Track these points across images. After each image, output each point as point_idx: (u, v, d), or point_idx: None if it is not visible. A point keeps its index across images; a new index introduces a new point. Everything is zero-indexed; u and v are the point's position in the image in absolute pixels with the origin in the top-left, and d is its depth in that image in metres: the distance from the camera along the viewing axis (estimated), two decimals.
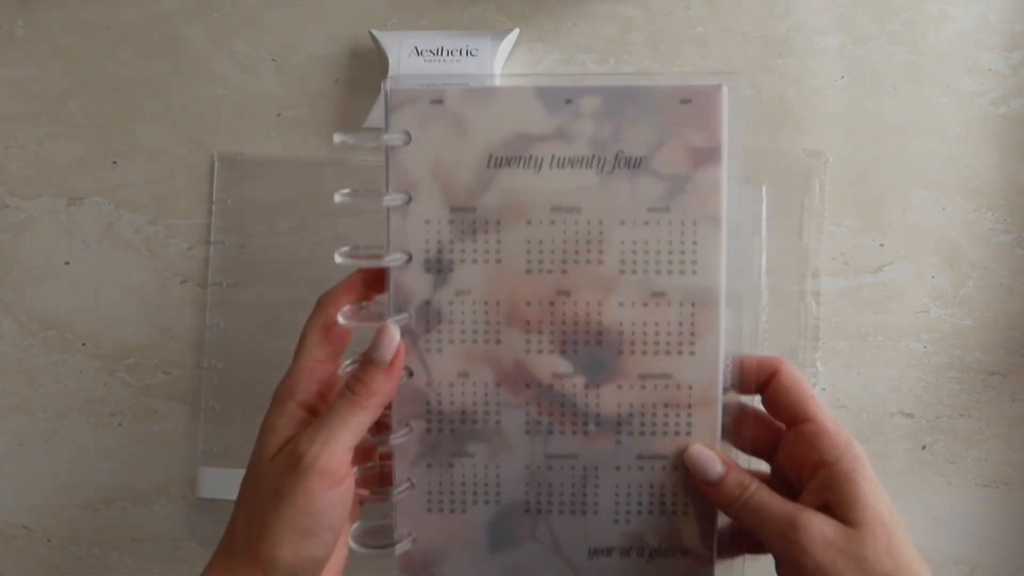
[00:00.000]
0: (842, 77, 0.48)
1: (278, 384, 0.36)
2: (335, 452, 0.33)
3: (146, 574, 0.49)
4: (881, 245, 0.48)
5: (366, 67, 0.48)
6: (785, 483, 0.36)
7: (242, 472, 0.50)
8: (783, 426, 0.37)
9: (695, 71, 0.47)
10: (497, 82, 0.36)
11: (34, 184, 0.49)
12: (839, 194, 0.48)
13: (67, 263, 0.49)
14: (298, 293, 0.48)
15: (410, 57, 0.46)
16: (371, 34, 0.47)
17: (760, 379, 0.37)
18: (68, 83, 0.49)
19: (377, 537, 0.38)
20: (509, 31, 0.46)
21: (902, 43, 0.48)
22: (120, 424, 0.48)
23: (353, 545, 0.37)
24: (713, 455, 0.36)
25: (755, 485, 0.35)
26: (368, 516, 0.39)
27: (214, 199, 0.48)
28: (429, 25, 0.48)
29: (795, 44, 0.48)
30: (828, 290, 0.48)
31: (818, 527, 0.33)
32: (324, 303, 0.37)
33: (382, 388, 0.34)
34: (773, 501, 0.34)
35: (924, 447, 0.48)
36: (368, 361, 0.35)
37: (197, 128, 0.48)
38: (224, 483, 0.47)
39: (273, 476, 0.33)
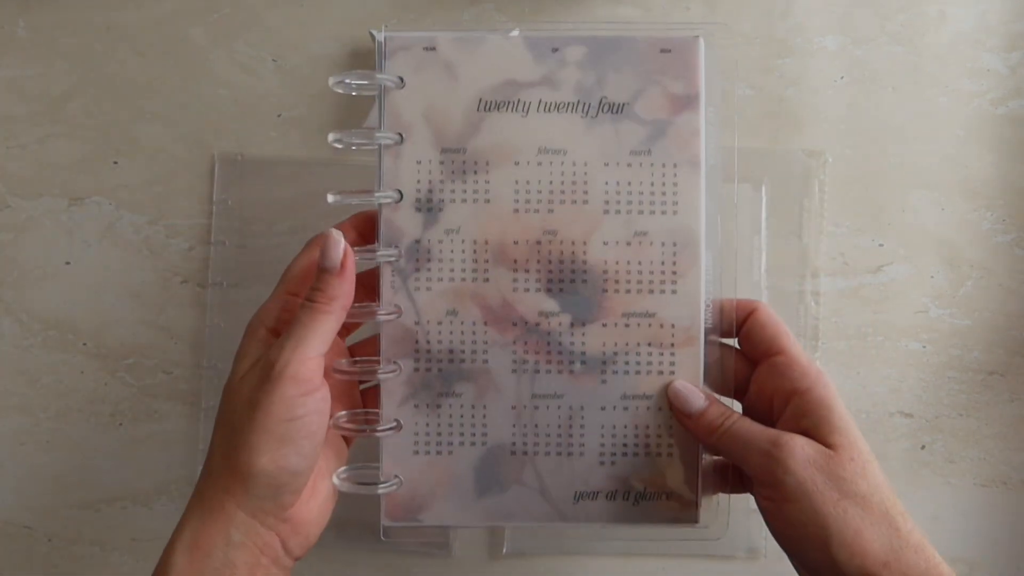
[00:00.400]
0: (842, 77, 0.48)
1: (251, 318, 0.37)
2: (305, 357, 0.33)
3: (147, 574, 0.49)
4: (880, 245, 0.48)
5: (366, 68, 0.48)
6: (757, 418, 0.37)
7: None
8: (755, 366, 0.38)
9: (676, 22, 0.47)
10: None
11: (35, 184, 0.49)
12: (839, 194, 0.48)
13: (68, 263, 0.49)
14: None
15: None
16: (371, 34, 0.47)
17: (738, 319, 0.38)
18: (69, 83, 0.49)
19: (362, 478, 0.38)
20: (509, 31, 0.46)
21: (901, 43, 0.48)
22: (121, 424, 0.48)
23: (337, 482, 0.37)
24: (695, 389, 0.37)
25: (736, 415, 0.36)
26: (356, 463, 0.39)
27: (214, 199, 0.48)
28: (429, 26, 0.48)
29: (795, 44, 0.48)
30: (828, 290, 0.48)
31: (800, 446, 0.34)
32: (313, 243, 0.38)
33: (339, 291, 0.35)
34: (755, 427, 0.35)
35: (923, 447, 0.48)
36: (321, 270, 0.35)
37: (197, 128, 0.48)
38: None
39: (246, 390, 0.34)
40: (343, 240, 0.35)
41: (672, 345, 0.37)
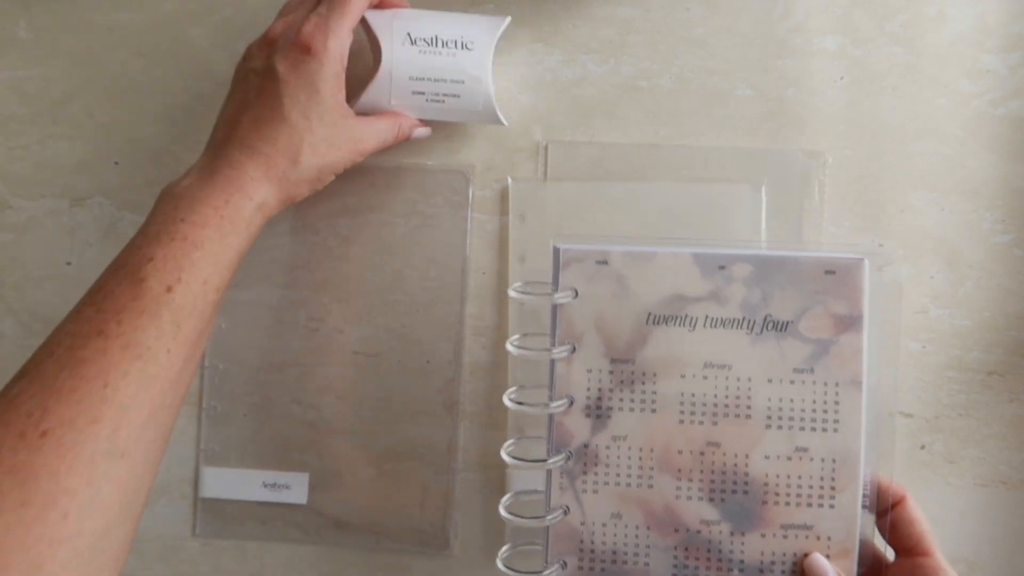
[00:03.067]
0: (841, 78, 0.48)
1: None
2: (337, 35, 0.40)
3: (148, 573, 0.49)
4: (880, 245, 0.48)
5: (361, 63, 0.48)
6: None
7: (242, 471, 0.50)
8: (887, 559, 0.39)
9: (837, 242, 0.48)
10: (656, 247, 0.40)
11: (36, 185, 0.49)
12: (839, 194, 0.48)
13: (69, 263, 0.49)
14: (298, 293, 0.48)
15: (403, 46, 0.44)
16: (363, 18, 0.45)
17: (888, 503, 0.39)
18: (70, 84, 0.49)
19: None
20: (504, 19, 0.46)
21: (901, 44, 0.48)
22: None
23: None
24: (829, 568, 0.37)
25: None
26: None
27: None
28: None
29: (794, 45, 0.48)
30: None
31: None
32: None
33: None
34: None
35: (923, 447, 0.48)
36: None
37: (198, 129, 0.48)
38: (226, 483, 0.48)
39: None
40: None
41: (828, 557, 0.38)
